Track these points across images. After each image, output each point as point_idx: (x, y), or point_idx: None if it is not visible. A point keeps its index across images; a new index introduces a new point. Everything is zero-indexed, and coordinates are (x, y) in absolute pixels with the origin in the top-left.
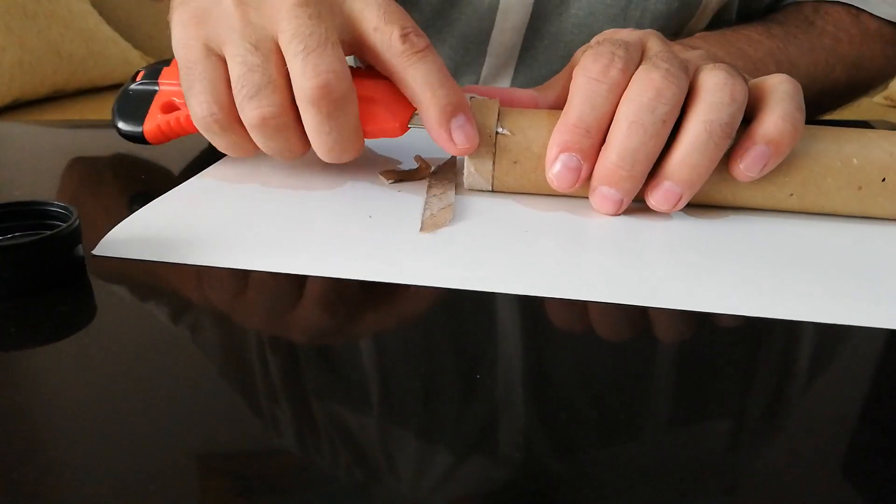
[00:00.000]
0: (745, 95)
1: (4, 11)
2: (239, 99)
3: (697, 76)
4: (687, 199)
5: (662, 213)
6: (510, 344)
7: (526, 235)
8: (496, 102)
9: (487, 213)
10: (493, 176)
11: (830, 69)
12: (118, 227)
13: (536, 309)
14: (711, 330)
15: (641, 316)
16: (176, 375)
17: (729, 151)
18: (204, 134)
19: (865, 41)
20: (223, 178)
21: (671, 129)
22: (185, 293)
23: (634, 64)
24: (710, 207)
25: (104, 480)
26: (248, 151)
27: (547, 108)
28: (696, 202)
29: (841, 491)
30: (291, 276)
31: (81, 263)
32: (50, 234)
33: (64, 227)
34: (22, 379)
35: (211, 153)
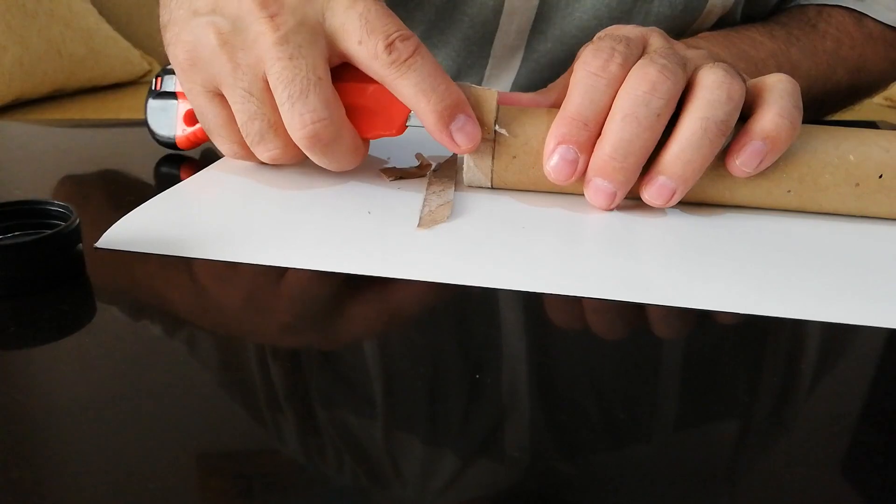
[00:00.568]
0: (741, 95)
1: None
2: (249, 143)
3: (696, 74)
4: (681, 194)
5: (657, 208)
6: (505, 340)
7: (523, 232)
8: (494, 94)
9: (485, 210)
10: (492, 171)
11: (832, 71)
12: (121, 220)
13: (532, 305)
14: (710, 328)
15: (639, 313)
16: (176, 374)
17: (726, 148)
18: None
19: (868, 44)
20: (227, 174)
21: (666, 123)
22: (184, 292)
23: (634, 59)
24: (708, 205)
25: (104, 479)
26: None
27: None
28: (694, 200)
29: (844, 490)
30: (290, 271)
31: (81, 262)
32: (50, 233)
33: (64, 226)
34: (22, 378)
35: (212, 152)
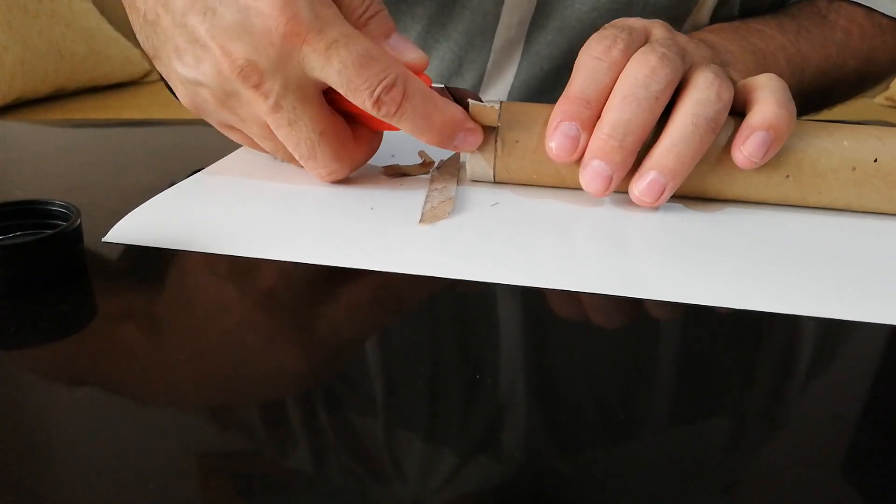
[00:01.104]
0: (730, 96)
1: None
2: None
3: (688, 74)
4: (670, 191)
5: (647, 207)
6: (503, 335)
7: (523, 228)
8: (495, 108)
9: (486, 206)
10: (495, 157)
11: (842, 62)
12: (130, 215)
13: (531, 300)
14: (710, 324)
15: (638, 309)
16: (176, 374)
17: (728, 143)
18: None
19: (878, 35)
20: (232, 170)
21: (663, 108)
22: (184, 291)
23: (636, 46)
24: (707, 201)
25: (104, 479)
26: None
27: None
28: (693, 192)
29: (841, 489)
30: (292, 266)
31: (82, 262)
32: (52, 233)
33: (65, 226)
34: (23, 377)
35: (212, 152)
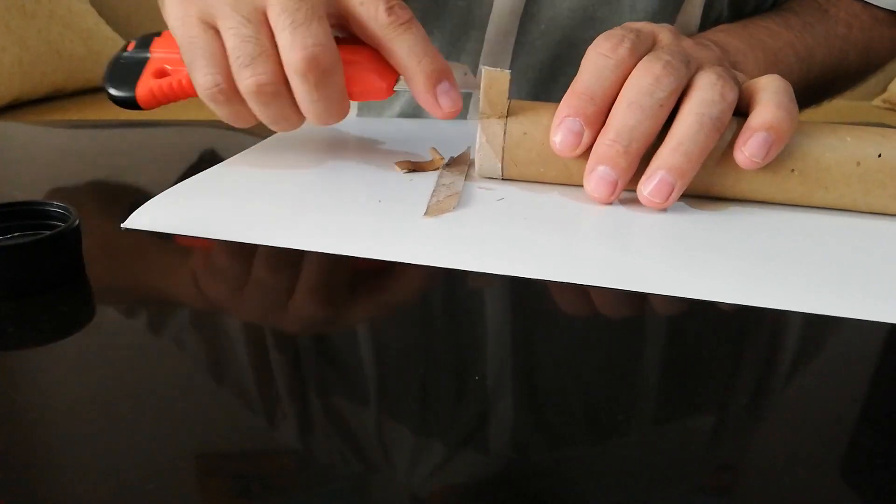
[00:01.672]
0: (734, 96)
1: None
2: (235, 68)
3: (694, 76)
4: (679, 191)
5: (656, 208)
6: (500, 326)
7: (525, 222)
8: (507, 75)
9: (492, 201)
10: (503, 149)
11: (844, 55)
12: (148, 203)
13: (530, 292)
14: (711, 320)
15: (640, 303)
16: (174, 375)
17: (728, 146)
18: (209, 104)
19: (875, 26)
20: (245, 164)
21: (667, 115)
22: (183, 291)
23: (643, 48)
24: (712, 200)
25: (103, 480)
26: (248, 121)
27: None
28: (699, 193)
29: (840, 488)
30: (293, 260)
31: (81, 263)
32: (50, 234)
33: (63, 227)
34: (21, 379)
35: (211, 152)
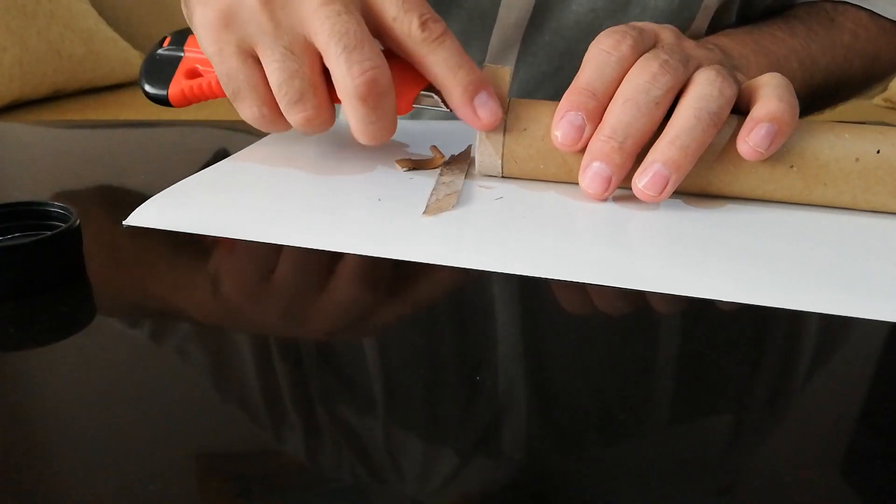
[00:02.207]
0: (733, 92)
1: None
2: (283, 105)
3: (693, 73)
4: (674, 184)
5: (650, 201)
6: (498, 324)
7: (524, 220)
8: (508, 70)
9: (491, 200)
10: (503, 144)
11: (849, 64)
12: (150, 200)
13: (527, 288)
14: (710, 318)
15: (638, 302)
16: (175, 375)
17: (732, 140)
18: (252, 124)
19: (882, 37)
20: (249, 162)
21: (664, 113)
22: (183, 292)
23: (645, 46)
24: (711, 198)
25: (104, 481)
26: (285, 130)
27: None
28: (698, 190)
29: (842, 489)
30: (293, 253)
31: (81, 264)
32: (50, 234)
33: (64, 227)
34: (21, 379)
35: (211, 153)
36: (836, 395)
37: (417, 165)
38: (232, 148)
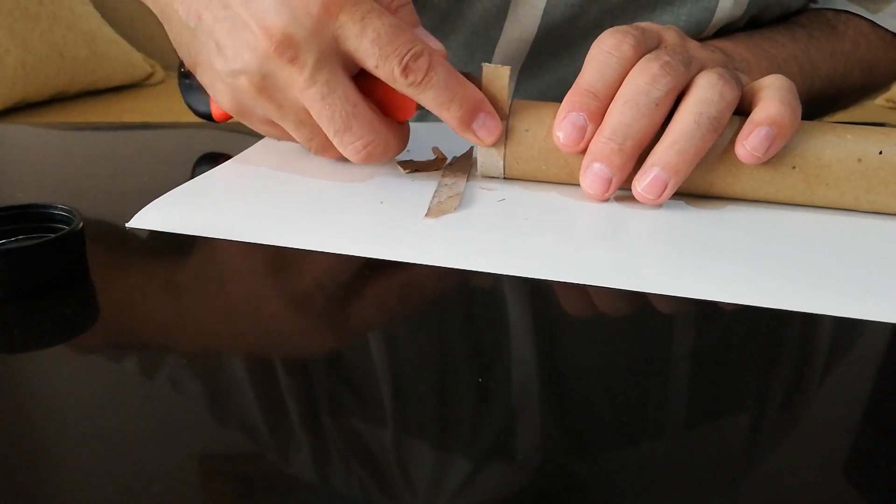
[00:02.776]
0: (735, 96)
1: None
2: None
3: (695, 76)
4: (672, 188)
5: (649, 203)
6: (498, 324)
7: (526, 222)
8: (507, 69)
9: (493, 202)
10: (505, 146)
11: (848, 73)
12: (152, 203)
13: (529, 290)
14: (712, 320)
15: (640, 304)
16: (178, 377)
17: (733, 141)
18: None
19: (882, 47)
20: (250, 165)
21: (665, 115)
22: (186, 293)
23: (648, 46)
24: (713, 199)
25: (107, 482)
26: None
27: None
28: (700, 191)
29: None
30: (295, 255)
31: (84, 266)
32: (53, 237)
33: (67, 230)
34: (25, 381)
35: (213, 154)
36: (838, 396)
37: (419, 167)
38: (234, 150)
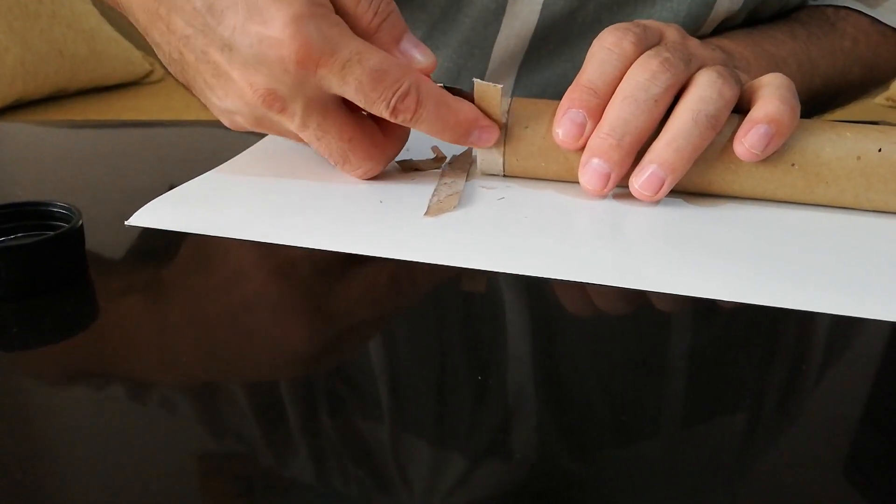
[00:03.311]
0: (733, 94)
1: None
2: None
3: (695, 73)
4: (669, 185)
5: (646, 201)
6: (499, 323)
7: (525, 221)
8: (499, 89)
9: (493, 201)
10: (504, 144)
11: (848, 70)
12: (153, 202)
13: (527, 288)
14: (711, 318)
15: (639, 302)
16: (177, 375)
17: (731, 140)
18: None
19: (882, 43)
20: (251, 164)
21: (664, 111)
22: (186, 291)
23: (648, 42)
24: (712, 197)
25: (107, 481)
26: None
27: None
28: (699, 189)
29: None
30: (294, 253)
31: (84, 264)
32: (53, 234)
33: (67, 227)
34: (24, 379)
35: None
36: (837, 394)
37: (419, 166)
38: (234, 148)
